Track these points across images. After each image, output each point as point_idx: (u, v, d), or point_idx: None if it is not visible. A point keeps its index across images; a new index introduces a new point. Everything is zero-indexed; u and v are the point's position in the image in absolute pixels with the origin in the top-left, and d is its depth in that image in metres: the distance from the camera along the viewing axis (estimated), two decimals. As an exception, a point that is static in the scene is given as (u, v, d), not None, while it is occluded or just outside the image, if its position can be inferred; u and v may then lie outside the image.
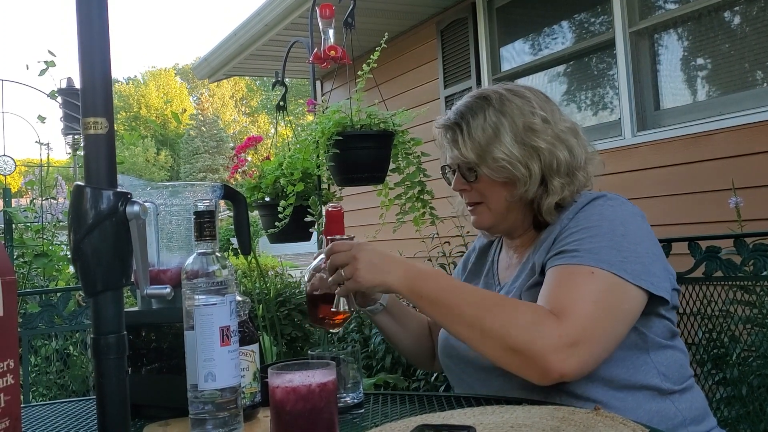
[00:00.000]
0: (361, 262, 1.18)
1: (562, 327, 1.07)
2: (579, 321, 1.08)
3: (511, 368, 1.11)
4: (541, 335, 1.07)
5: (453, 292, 1.17)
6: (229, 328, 0.97)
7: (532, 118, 1.29)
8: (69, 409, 1.35)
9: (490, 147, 1.27)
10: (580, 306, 1.10)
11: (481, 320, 1.12)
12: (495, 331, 1.10)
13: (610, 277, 1.13)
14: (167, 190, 1.23)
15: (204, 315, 0.96)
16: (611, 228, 1.19)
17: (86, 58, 0.91)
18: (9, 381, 0.81)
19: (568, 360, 1.06)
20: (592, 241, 1.17)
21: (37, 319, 2.16)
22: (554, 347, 1.06)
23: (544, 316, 1.10)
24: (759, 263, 1.61)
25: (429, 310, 1.18)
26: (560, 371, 1.06)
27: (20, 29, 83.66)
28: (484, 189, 1.32)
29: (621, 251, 1.15)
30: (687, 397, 1.22)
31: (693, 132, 3.49)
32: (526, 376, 1.10)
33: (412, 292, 1.18)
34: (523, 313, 1.11)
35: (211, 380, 0.96)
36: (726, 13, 3.53)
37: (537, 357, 1.06)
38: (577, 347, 1.06)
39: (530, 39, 4.84)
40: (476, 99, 1.34)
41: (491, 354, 1.12)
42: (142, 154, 37.29)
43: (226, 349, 0.97)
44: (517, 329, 1.09)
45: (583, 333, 1.08)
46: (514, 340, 1.08)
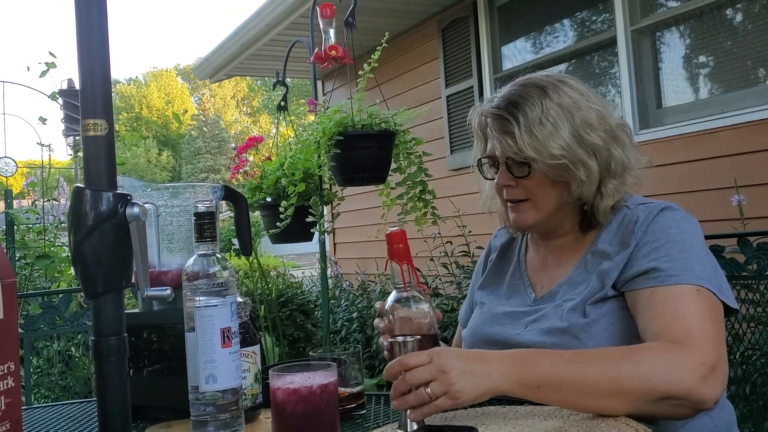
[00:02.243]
0: (452, 374, 0.96)
1: (699, 356, 1.02)
2: (710, 344, 1.04)
3: (666, 416, 1.03)
4: (684, 373, 1.00)
5: (572, 365, 1.01)
6: (230, 329, 0.97)
7: (589, 113, 1.21)
8: (71, 410, 1.35)
9: (549, 142, 1.18)
10: (704, 329, 1.05)
11: (621, 383, 0.99)
12: (639, 389, 0.99)
13: (711, 295, 1.09)
14: (168, 192, 1.23)
15: (205, 317, 0.96)
16: (692, 242, 1.15)
17: (85, 59, 0.91)
18: (10, 384, 0.80)
19: (715, 385, 1.01)
20: (681, 256, 1.12)
21: (39, 320, 2.16)
22: (701, 378, 1.00)
23: (676, 352, 1.02)
24: (763, 262, 1.61)
25: (552, 396, 1.00)
26: (713, 398, 1.00)
27: (21, 30, 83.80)
28: (534, 186, 1.23)
29: (706, 266, 1.12)
30: (725, 411, 1.19)
31: (695, 130, 3.49)
32: (678, 416, 1.04)
33: (524, 386, 0.99)
34: (655, 358, 1.01)
35: (212, 382, 0.96)
36: (728, 10, 3.52)
37: (688, 395, 0.99)
38: (717, 369, 1.02)
39: (531, 38, 4.84)
40: (531, 88, 1.23)
41: (641, 410, 1.00)
42: (144, 154, 37.32)
43: (227, 350, 0.96)
44: (660, 377, 0.99)
45: (717, 355, 1.03)
46: (661, 390, 0.99)
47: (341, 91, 5.42)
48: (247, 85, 45.70)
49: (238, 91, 45.88)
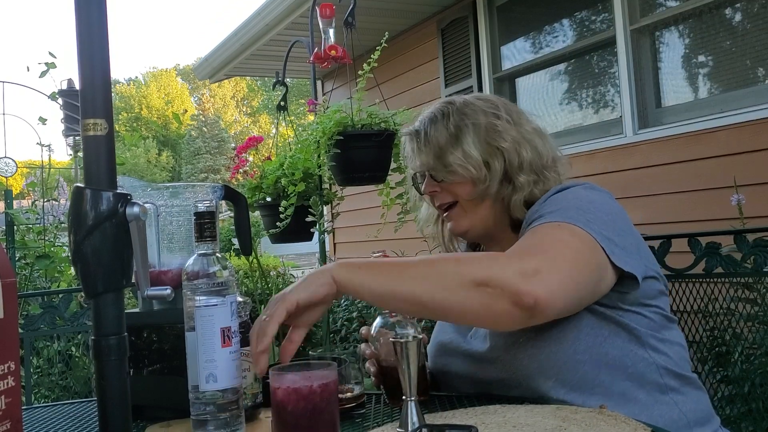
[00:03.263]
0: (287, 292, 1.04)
1: (530, 258, 1.04)
2: (539, 255, 1.05)
3: (478, 306, 1.02)
4: (502, 265, 1.02)
5: (390, 263, 1.09)
6: (230, 329, 0.97)
7: (495, 120, 1.31)
8: (71, 410, 1.35)
9: (445, 150, 1.30)
10: (540, 244, 1.08)
11: (438, 268, 1.06)
12: (457, 273, 1.03)
13: (578, 229, 1.09)
14: (168, 191, 1.23)
15: (205, 316, 0.96)
16: (576, 196, 1.20)
17: (85, 59, 0.91)
18: (10, 383, 0.80)
19: (536, 284, 0.99)
20: (558, 205, 1.17)
21: (39, 320, 2.16)
22: (523, 271, 1.00)
23: (501, 255, 1.07)
24: (759, 259, 1.61)
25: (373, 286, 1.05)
26: (531, 293, 0.99)
27: (21, 30, 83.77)
28: (456, 189, 1.33)
29: (587, 212, 1.14)
30: (692, 398, 1.20)
31: (694, 129, 3.49)
32: (494, 312, 1.02)
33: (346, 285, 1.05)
34: (479, 255, 1.09)
35: (212, 381, 0.96)
36: (727, 10, 3.53)
37: (501, 282, 1.00)
38: (540, 275, 1.01)
39: (531, 37, 4.84)
40: (441, 104, 1.37)
41: (456, 299, 1.02)
42: (144, 154, 37.32)
43: (228, 350, 0.97)
44: (480, 265, 1.04)
45: (543, 263, 1.03)
46: (479, 274, 1.01)
47: (341, 90, 5.42)
48: (247, 85, 45.69)
49: (238, 91, 45.87)
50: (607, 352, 1.15)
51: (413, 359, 0.98)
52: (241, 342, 1.08)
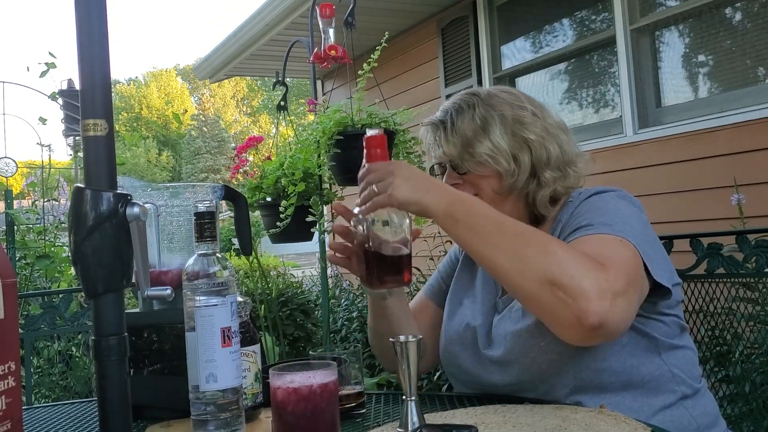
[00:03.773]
0: (398, 177, 1.09)
1: (610, 274, 1.00)
2: (622, 275, 1.02)
3: (545, 306, 1.01)
4: (587, 275, 0.98)
5: (493, 219, 1.08)
6: (230, 329, 0.97)
7: (522, 111, 1.29)
8: (71, 410, 1.35)
9: (473, 141, 1.27)
10: (621, 263, 1.04)
11: (523, 249, 1.03)
12: (537, 262, 1.01)
13: (632, 247, 1.09)
14: (168, 191, 1.23)
15: (205, 316, 0.96)
16: (616, 209, 1.18)
17: (85, 60, 0.91)
18: (10, 383, 0.80)
19: (611, 307, 0.97)
20: (603, 218, 1.15)
21: (39, 320, 2.16)
22: (601, 290, 0.97)
23: (591, 260, 1.02)
24: (761, 260, 1.61)
25: (464, 236, 1.08)
26: (600, 315, 0.96)
27: (21, 30, 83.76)
28: (479, 182, 1.30)
29: (630, 226, 1.13)
30: (701, 403, 1.20)
31: (694, 129, 3.49)
32: (558, 319, 1.00)
33: (448, 215, 1.08)
34: (570, 249, 1.04)
35: (212, 381, 0.96)
36: (727, 9, 3.52)
37: (579, 295, 0.97)
38: (620, 299, 0.99)
39: (531, 37, 4.84)
40: (465, 95, 1.34)
41: (528, 287, 1.01)
42: (144, 154, 37.31)
43: (228, 350, 0.97)
44: (563, 263, 1.00)
45: (626, 287, 1.01)
46: (558, 274, 0.99)
47: (341, 90, 5.42)
48: (247, 85, 45.68)
49: (238, 91, 45.86)
50: (625, 360, 1.15)
51: (413, 359, 0.98)
52: (241, 342, 1.08)
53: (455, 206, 1.09)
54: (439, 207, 1.09)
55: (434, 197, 1.09)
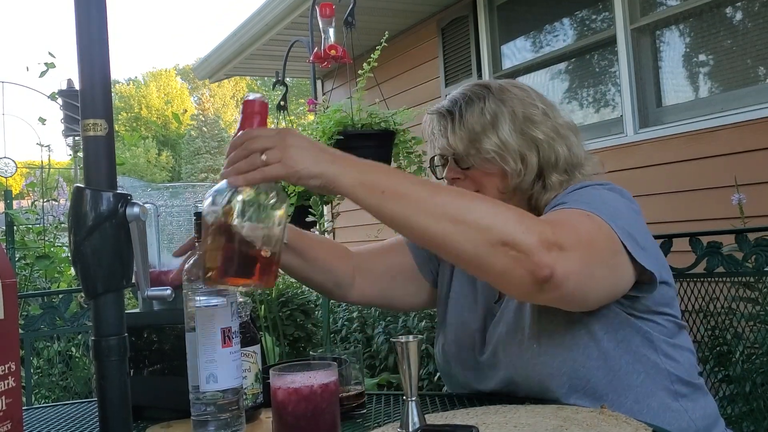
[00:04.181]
0: (293, 145, 0.94)
1: (551, 228, 0.97)
2: (573, 232, 0.99)
3: (495, 267, 0.96)
4: (531, 229, 0.95)
5: (422, 183, 1.00)
6: (231, 329, 0.97)
7: (533, 109, 1.24)
8: (71, 411, 1.35)
9: (481, 136, 1.22)
10: (574, 224, 1.02)
11: (464, 211, 0.96)
12: (480, 223, 0.95)
13: (604, 223, 1.04)
14: (168, 191, 1.23)
15: (205, 316, 0.96)
16: (600, 194, 1.14)
17: (85, 59, 0.90)
18: (10, 384, 0.80)
19: (558, 259, 0.94)
20: (582, 197, 1.12)
21: (39, 321, 2.16)
22: (543, 241, 0.94)
23: (535, 217, 1.01)
24: (761, 258, 1.61)
25: (392, 207, 0.96)
26: (550, 267, 0.93)
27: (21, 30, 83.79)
28: (481, 178, 1.25)
29: (610, 207, 1.09)
30: (700, 404, 1.19)
31: (695, 129, 3.49)
32: (511, 276, 0.96)
33: (367, 186, 0.96)
34: (510, 208, 1.00)
35: (213, 382, 0.96)
36: (728, 9, 3.52)
37: (526, 248, 0.93)
38: (565, 251, 0.95)
39: (531, 36, 4.84)
40: (475, 86, 1.28)
41: (472, 250, 0.95)
42: (144, 155, 37.30)
43: (228, 350, 0.96)
44: (506, 221, 0.96)
45: (572, 243, 0.97)
46: (501, 232, 0.94)
47: (341, 90, 5.41)
48: (247, 84, 45.66)
49: (238, 91, 45.86)
50: (621, 357, 1.14)
51: (413, 359, 0.97)
52: (241, 342, 1.08)
53: (372, 175, 0.97)
54: (352, 178, 0.96)
55: (341, 167, 0.97)
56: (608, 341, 1.13)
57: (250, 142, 0.94)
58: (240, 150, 0.94)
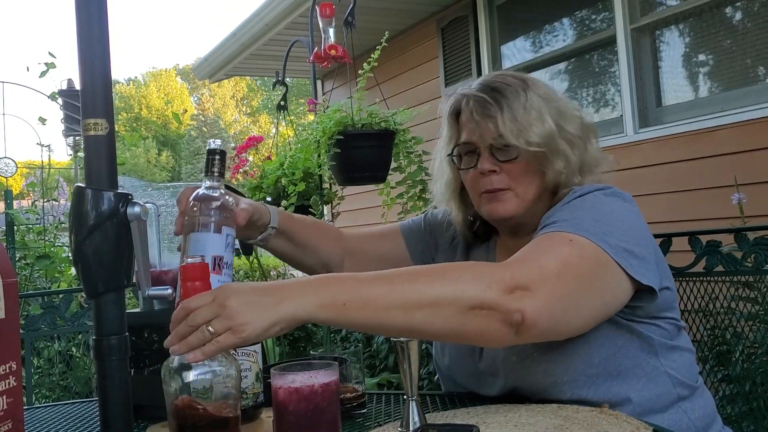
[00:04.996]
0: (233, 308, 0.86)
1: (508, 271, 0.96)
2: (530, 268, 0.97)
3: (472, 330, 0.95)
4: (490, 281, 0.94)
5: (377, 280, 0.95)
6: (222, 258, 0.96)
7: (566, 105, 1.22)
8: (72, 410, 1.35)
9: (531, 129, 1.17)
10: (542, 261, 0.99)
11: (423, 294, 0.93)
12: (447, 298, 0.93)
13: (590, 245, 1.02)
14: (168, 191, 1.24)
15: (198, 241, 0.96)
16: (595, 205, 1.12)
17: (86, 59, 0.91)
18: (11, 383, 0.80)
19: (524, 300, 0.93)
20: (573, 213, 1.09)
21: (39, 321, 2.16)
22: (504, 289, 0.93)
23: (487, 266, 0.99)
24: (760, 257, 1.61)
25: (357, 314, 0.92)
26: (520, 311, 0.92)
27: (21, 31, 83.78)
28: (518, 173, 1.20)
29: (604, 224, 1.06)
30: (699, 404, 1.19)
31: (695, 128, 3.49)
32: (491, 334, 0.95)
33: (326, 307, 0.91)
34: (465, 269, 0.98)
35: None
36: (727, 9, 3.52)
37: (492, 303, 0.92)
38: (532, 291, 0.94)
39: (531, 36, 4.84)
40: (510, 78, 1.23)
41: (446, 325, 0.94)
42: (144, 155, 37.31)
43: (217, 278, 0.95)
44: (464, 285, 0.94)
45: (538, 281, 0.95)
46: (465, 299, 0.93)
47: (341, 90, 5.41)
48: (247, 84, 45.67)
49: (238, 91, 45.85)
50: (621, 363, 1.13)
51: (414, 359, 0.98)
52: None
53: (326, 292, 0.91)
54: (309, 305, 0.90)
55: (294, 305, 0.89)
56: (609, 347, 1.12)
57: (192, 317, 0.87)
58: (184, 326, 0.88)
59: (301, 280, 0.97)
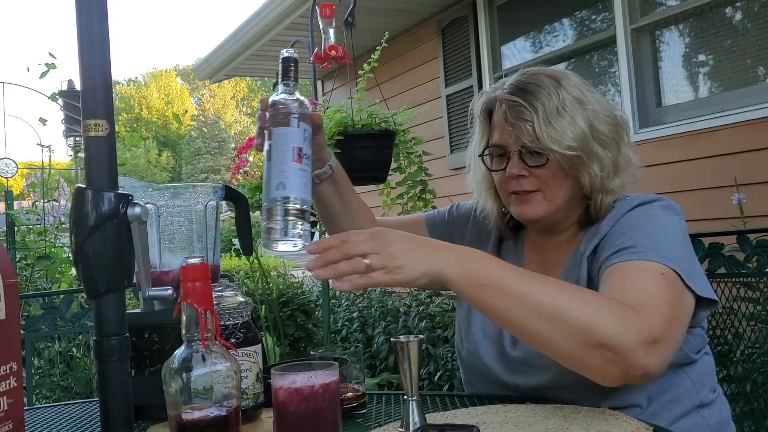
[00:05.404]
0: (394, 249, 0.93)
1: (646, 322, 0.96)
2: (660, 319, 0.98)
3: (589, 365, 0.97)
4: (629, 329, 0.94)
5: (520, 276, 0.98)
6: (302, 149, 1.01)
7: (598, 105, 1.20)
8: (72, 411, 1.35)
9: (566, 132, 1.15)
10: (659, 304, 1.00)
11: (565, 311, 0.94)
12: (581, 325, 0.94)
13: (675, 277, 1.04)
14: (168, 192, 1.23)
15: (279, 134, 1.01)
16: (660, 226, 1.12)
17: (86, 60, 0.91)
18: (12, 384, 0.80)
19: (652, 356, 0.94)
20: (647, 237, 1.09)
21: (40, 321, 2.16)
22: (641, 342, 0.94)
23: (628, 309, 0.97)
24: (762, 259, 1.61)
25: (491, 299, 0.96)
26: (645, 367, 0.94)
27: (21, 31, 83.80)
28: (549, 177, 1.18)
29: (675, 248, 1.08)
30: (716, 411, 1.18)
31: (695, 129, 3.49)
32: (604, 374, 0.97)
33: (467, 279, 0.95)
34: (608, 305, 0.97)
35: (281, 189, 0.99)
36: (727, 9, 3.52)
37: (623, 351, 0.93)
38: (659, 345, 0.95)
39: (531, 37, 4.84)
40: (543, 78, 1.20)
41: (569, 349, 0.95)
42: (144, 155, 37.32)
43: (298, 165, 1.00)
44: (605, 322, 0.94)
45: (664, 331, 0.97)
46: (601, 335, 0.93)
47: (341, 91, 5.41)
48: (247, 85, 45.68)
49: (238, 91, 45.86)
50: None
51: (414, 359, 0.98)
52: (242, 342, 1.08)
53: (471, 267, 0.97)
54: (456, 274, 0.96)
55: (444, 262, 0.96)
56: None
57: (349, 246, 0.93)
58: (336, 251, 0.92)
59: (453, 245, 1.02)
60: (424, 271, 0.95)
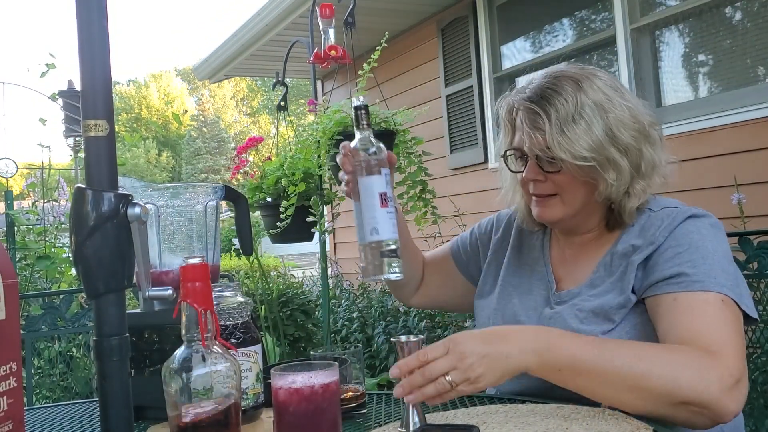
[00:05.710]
0: (471, 360, 0.97)
1: (725, 367, 0.99)
2: (736, 357, 1.01)
3: (678, 420, 1.00)
4: (711, 381, 0.97)
5: (595, 348, 1.01)
6: (386, 194, 1.08)
7: (622, 110, 1.17)
8: (72, 411, 1.35)
9: (579, 142, 1.14)
10: (731, 340, 1.03)
11: (647, 379, 0.98)
12: (664, 389, 0.97)
13: (732, 304, 1.07)
14: (168, 192, 1.23)
15: (366, 184, 1.08)
16: (714, 249, 1.13)
17: (86, 60, 0.91)
18: (12, 384, 0.80)
19: (738, 398, 0.99)
20: (704, 263, 1.10)
21: (40, 321, 2.16)
22: (728, 389, 0.98)
23: (706, 358, 1.00)
24: (763, 261, 1.61)
25: (572, 381, 1.01)
26: (732, 411, 0.98)
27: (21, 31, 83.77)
28: (564, 182, 1.19)
29: (728, 274, 1.10)
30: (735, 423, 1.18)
31: (695, 129, 3.49)
32: (694, 425, 1.01)
33: (545, 367, 1.00)
34: (685, 361, 0.99)
35: (375, 234, 1.06)
36: (727, 9, 3.52)
37: (711, 404, 0.97)
38: (740, 382, 1.00)
39: (531, 37, 4.84)
40: (565, 81, 1.19)
41: (654, 410, 0.99)
42: (144, 155, 37.31)
43: (385, 210, 1.07)
44: (687, 380, 0.97)
45: (742, 368, 1.01)
46: (686, 394, 0.97)
47: (341, 90, 5.41)
48: (247, 85, 45.67)
49: (238, 91, 45.85)
50: None
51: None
52: (242, 342, 1.08)
53: (547, 355, 1.00)
54: (533, 364, 1.00)
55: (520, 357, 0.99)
56: None
57: (429, 370, 0.97)
58: (419, 376, 0.97)
59: (526, 333, 1.04)
60: (503, 373, 0.99)
